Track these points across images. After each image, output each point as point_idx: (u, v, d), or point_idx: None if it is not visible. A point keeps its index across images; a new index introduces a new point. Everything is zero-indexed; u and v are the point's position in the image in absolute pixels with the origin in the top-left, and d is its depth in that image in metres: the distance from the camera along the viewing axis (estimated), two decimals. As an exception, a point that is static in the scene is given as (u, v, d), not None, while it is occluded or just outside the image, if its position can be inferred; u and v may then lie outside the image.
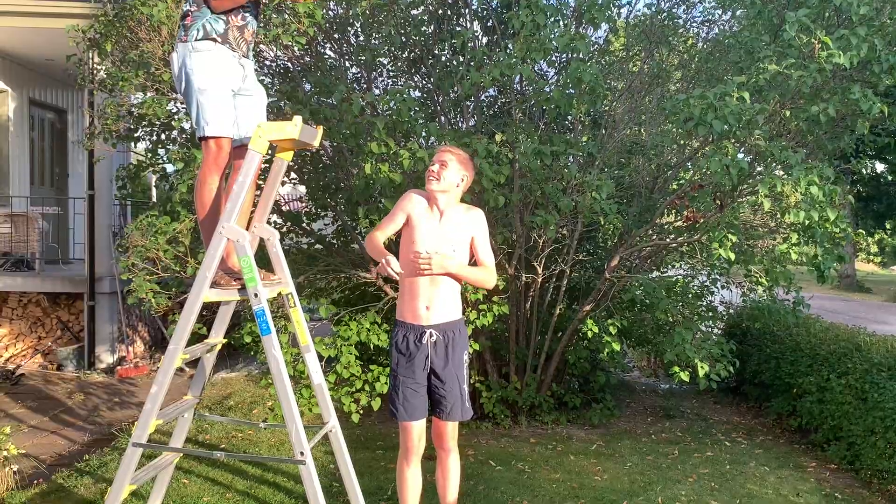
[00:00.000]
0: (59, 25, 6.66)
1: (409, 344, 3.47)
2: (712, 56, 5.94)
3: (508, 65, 4.74)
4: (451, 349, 3.47)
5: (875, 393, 5.09)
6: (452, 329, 3.49)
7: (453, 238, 3.44)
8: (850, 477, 5.25)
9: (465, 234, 3.47)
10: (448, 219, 3.46)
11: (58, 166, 11.14)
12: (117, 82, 5.57)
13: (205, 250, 3.38)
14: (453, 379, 3.48)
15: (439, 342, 3.45)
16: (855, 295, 19.19)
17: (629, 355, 9.51)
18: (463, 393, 3.52)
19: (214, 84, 3.33)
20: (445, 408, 3.51)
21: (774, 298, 6.32)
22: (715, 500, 4.61)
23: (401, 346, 3.50)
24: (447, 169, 3.41)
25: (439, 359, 3.46)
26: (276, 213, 6.83)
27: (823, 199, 4.26)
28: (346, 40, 6.71)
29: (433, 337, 3.43)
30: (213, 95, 3.32)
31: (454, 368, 3.48)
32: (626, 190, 6.70)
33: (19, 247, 8.88)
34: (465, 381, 3.55)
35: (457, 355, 3.49)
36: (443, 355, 3.46)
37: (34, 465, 5.12)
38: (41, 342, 8.87)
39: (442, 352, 3.46)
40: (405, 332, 3.49)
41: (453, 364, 3.48)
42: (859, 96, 4.37)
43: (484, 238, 3.53)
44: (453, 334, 3.49)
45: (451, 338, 3.48)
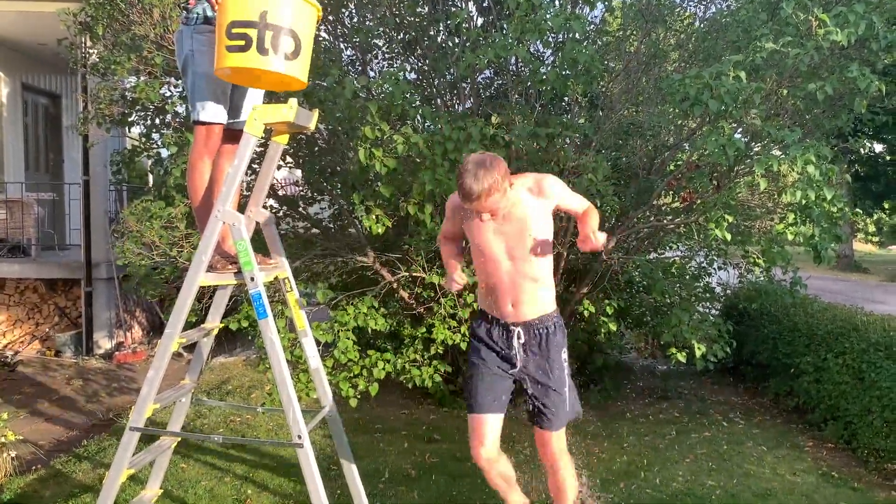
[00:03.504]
0: (50, 9, 6.60)
1: (493, 335, 3.10)
2: (709, 35, 5.89)
3: (504, 46, 4.70)
4: (545, 348, 3.05)
5: (872, 372, 5.10)
6: (546, 325, 3.05)
7: (529, 227, 2.95)
8: (847, 456, 5.27)
9: (541, 212, 2.97)
10: (517, 210, 2.95)
11: (53, 152, 11.09)
12: (110, 66, 5.52)
13: (199, 234, 3.36)
14: (555, 384, 3.05)
15: (531, 342, 3.06)
16: (852, 275, 19.20)
17: (627, 337, 9.52)
18: (565, 397, 3.08)
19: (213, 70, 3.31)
20: (547, 416, 3.07)
21: (771, 279, 6.32)
22: (712, 480, 4.63)
23: (482, 335, 3.13)
24: (489, 201, 2.83)
25: (533, 361, 3.06)
26: (273, 198, 6.80)
27: (820, 179, 4.23)
28: (341, 22, 6.65)
29: (521, 338, 3.04)
30: (211, 81, 3.30)
31: (552, 370, 3.05)
32: (624, 171, 6.67)
33: (15, 233, 8.85)
34: (567, 384, 3.10)
35: (553, 356, 3.06)
36: (536, 356, 3.06)
37: (32, 450, 5.13)
38: (39, 328, 8.86)
39: (536, 352, 3.06)
40: (489, 326, 3.12)
41: (550, 366, 3.05)
42: (857, 74, 4.33)
43: (564, 196, 3.01)
44: (546, 331, 3.05)
45: (545, 335, 3.05)
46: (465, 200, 2.83)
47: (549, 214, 2.99)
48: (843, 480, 4.74)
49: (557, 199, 2.99)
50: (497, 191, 2.80)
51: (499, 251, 2.99)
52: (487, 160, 2.82)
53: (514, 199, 2.93)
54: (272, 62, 2.98)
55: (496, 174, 2.79)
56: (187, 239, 5.27)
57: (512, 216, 2.94)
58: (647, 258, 6.38)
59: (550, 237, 3.01)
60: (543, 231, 2.97)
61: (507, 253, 2.98)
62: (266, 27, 2.93)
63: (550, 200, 2.97)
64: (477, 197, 2.78)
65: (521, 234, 2.94)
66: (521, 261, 2.98)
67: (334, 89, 5.00)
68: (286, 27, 2.97)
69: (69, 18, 5.87)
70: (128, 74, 5.66)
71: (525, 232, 2.94)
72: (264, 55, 2.96)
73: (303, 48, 3.05)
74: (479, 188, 2.77)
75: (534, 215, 2.95)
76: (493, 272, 3.02)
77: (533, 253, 2.96)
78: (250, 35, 2.93)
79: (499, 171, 2.80)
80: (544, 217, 2.98)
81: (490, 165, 2.80)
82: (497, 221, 2.95)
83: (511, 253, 2.98)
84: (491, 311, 3.11)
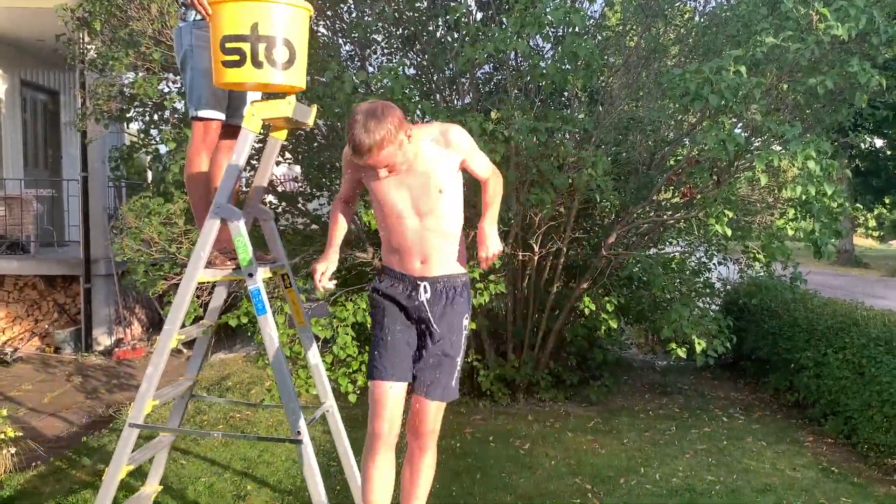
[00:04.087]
0: (48, 4, 6.56)
1: (399, 290, 2.82)
2: (709, 30, 5.87)
3: (503, 39, 4.69)
4: (449, 308, 2.79)
5: (872, 367, 5.10)
6: (454, 285, 2.81)
7: (435, 180, 2.69)
8: (847, 451, 5.27)
9: (448, 163, 2.71)
10: (419, 164, 2.68)
11: (51, 148, 11.07)
12: (107, 62, 5.51)
13: (198, 231, 3.36)
14: (448, 346, 2.79)
15: (435, 298, 2.78)
16: (853, 270, 19.20)
17: (627, 332, 9.52)
18: (455, 367, 2.82)
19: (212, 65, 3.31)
20: (429, 381, 2.77)
21: (772, 274, 6.31)
22: (712, 476, 4.63)
23: (384, 289, 2.84)
24: (383, 155, 2.53)
25: (433, 319, 2.78)
26: (272, 194, 6.79)
27: (821, 174, 4.23)
28: (339, 17, 6.63)
29: (427, 293, 2.77)
30: (210, 77, 3.29)
31: (450, 333, 2.80)
32: (624, 166, 6.66)
33: (14, 230, 8.85)
34: (461, 354, 2.84)
35: (456, 317, 2.81)
36: (439, 315, 2.78)
37: (32, 447, 5.12)
38: (38, 325, 8.86)
39: (439, 311, 2.78)
40: (393, 281, 2.84)
41: (449, 327, 2.79)
42: (857, 69, 4.33)
43: (472, 152, 2.76)
44: (454, 291, 2.81)
45: (451, 296, 2.80)
46: (356, 155, 2.53)
47: (457, 166, 2.74)
48: (843, 475, 4.74)
49: (464, 153, 2.72)
50: (391, 143, 2.51)
51: (403, 207, 2.71)
52: (379, 108, 2.51)
53: (416, 150, 2.65)
54: (268, 75, 2.98)
55: (389, 124, 2.49)
56: (186, 235, 5.26)
57: (414, 169, 2.67)
58: (648, 254, 6.37)
59: (460, 190, 2.79)
60: (451, 183, 2.73)
61: (413, 208, 2.71)
62: (258, 39, 2.93)
63: (457, 153, 2.71)
64: (368, 150, 2.49)
65: (426, 188, 2.68)
66: (428, 216, 2.72)
67: (333, 84, 4.98)
68: (279, 37, 2.95)
69: (67, 14, 5.85)
70: (126, 70, 5.65)
71: (430, 185, 2.67)
72: (259, 68, 2.96)
73: (297, 54, 3.04)
74: (369, 141, 2.48)
75: (439, 167, 2.69)
76: (397, 229, 2.75)
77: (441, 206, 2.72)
78: (244, 49, 2.94)
79: (392, 122, 2.50)
80: (452, 169, 2.72)
81: (382, 115, 2.49)
82: (398, 175, 2.66)
83: (417, 208, 2.71)
84: (396, 266, 2.83)
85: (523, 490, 4.32)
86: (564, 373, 6.63)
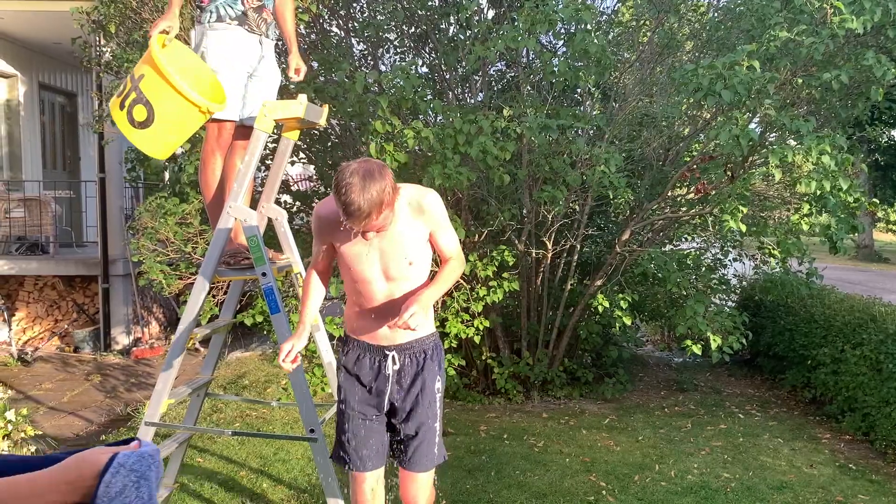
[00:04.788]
0: (64, 8, 6.65)
1: (365, 367, 2.65)
2: (722, 24, 5.83)
3: (513, 37, 4.68)
4: (420, 377, 2.63)
5: (890, 363, 5.05)
6: (423, 349, 2.65)
7: (406, 250, 2.52)
8: (865, 448, 5.22)
9: (419, 232, 2.54)
10: (394, 226, 2.48)
11: (70, 149, 11.19)
12: (122, 64, 5.56)
13: (212, 230, 3.39)
14: (423, 417, 2.64)
15: (406, 369, 2.64)
16: (873, 265, 19.00)
17: (642, 329, 9.48)
18: (435, 433, 2.68)
19: (226, 66, 3.34)
20: (412, 455, 2.66)
21: (788, 270, 6.27)
22: (727, 473, 4.61)
23: (352, 369, 2.67)
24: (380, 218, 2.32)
25: (404, 391, 2.63)
26: (287, 193, 6.83)
27: (836, 169, 4.19)
28: (352, 16, 6.66)
29: (395, 363, 2.62)
30: (223, 77, 3.32)
31: (423, 403, 2.64)
32: (638, 163, 6.64)
33: (34, 231, 8.95)
34: (439, 418, 2.70)
35: (427, 385, 2.64)
36: (408, 385, 2.63)
37: (53, 445, 5.19)
38: (58, 325, 8.96)
39: (408, 381, 2.63)
40: (359, 353, 2.67)
41: (423, 396, 2.64)
42: (873, 62, 4.29)
43: (442, 226, 2.58)
44: (424, 357, 2.65)
45: (422, 361, 2.64)
46: (351, 220, 2.28)
47: (426, 237, 2.56)
48: (861, 472, 4.70)
49: (435, 225, 2.55)
50: (389, 205, 2.31)
51: (373, 272, 2.53)
52: (375, 169, 2.29)
53: (404, 200, 2.50)
54: (123, 123, 3.04)
55: (387, 185, 2.28)
56: (201, 235, 5.30)
57: (389, 231, 2.47)
58: (662, 250, 6.35)
59: (429, 255, 2.62)
60: (421, 253, 2.57)
61: (383, 273, 2.53)
62: (135, 88, 3.00)
63: (428, 225, 2.54)
64: (367, 215, 2.26)
65: (396, 255, 2.51)
66: (398, 281, 2.55)
67: (345, 84, 5.01)
68: (144, 97, 3.01)
69: (82, 17, 5.92)
70: (141, 72, 5.70)
71: (400, 253, 2.50)
72: (121, 110, 3.03)
73: (156, 124, 3.04)
74: (369, 205, 2.24)
75: (411, 236, 2.52)
76: (366, 294, 2.58)
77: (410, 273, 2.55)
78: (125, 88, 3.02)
79: (388, 181, 2.30)
80: (422, 238, 2.56)
81: (379, 174, 2.28)
82: (383, 237, 2.48)
83: (386, 273, 2.53)
84: (361, 335, 2.66)
85: (537, 488, 4.32)
86: (579, 370, 6.62)
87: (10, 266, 8.48)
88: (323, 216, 2.56)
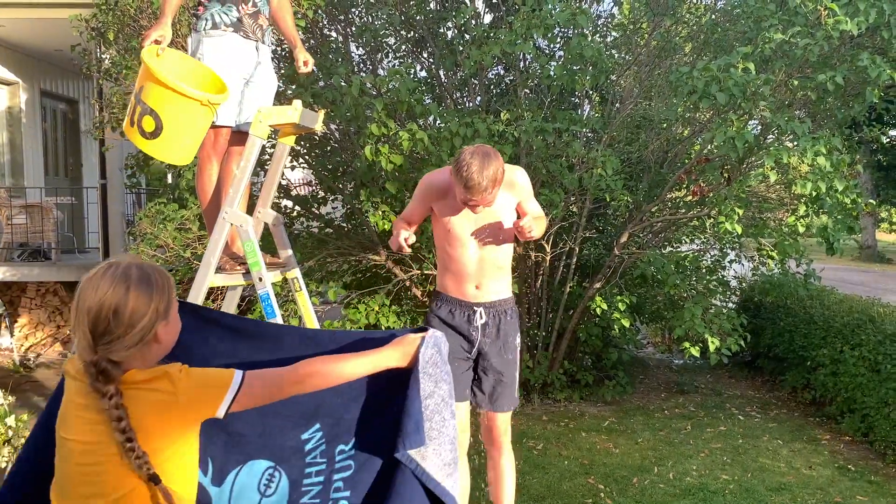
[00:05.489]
0: (63, 15, 6.69)
1: (456, 317, 3.07)
2: (719, 26, 5.84)
3: (509, 42, 4.70)
4: (502, 331, 3.07)
5: (888, 364, 5.05)
6: (504, 309, 3.09)
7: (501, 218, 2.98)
8: (865, 449, 5.22)
9: (511, 203, 3.00)
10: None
11: (71, 156, 11.24)
12: (122, 71, 5.60)
13: (209, 236, 3.40)
14: (504, 364, 3.08)
15: (490, 324, 3.06)
16: (875, 266, 18.95)
17: (643, 331, 9.48)
18: (514, 380, 3.12)
19: (222, 73, 3.35)
20: (495, 397, 3.09)
21: (786, 271, 6.27)
22: (726, 475, 4.61)
23: (446, 317, 3.08)
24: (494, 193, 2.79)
25: (490, 342, 3.06)
26: (287, 198, 6.85)
27: (832, 170, 4.20)
28: (350, 21, 6.68)
29: (482, 318, 3.04)
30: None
31: (505, 352, 3.08)
32: (636, 165, 6.65)
33: (36, 237, 8.98)
34: (517, 366, 3.14)
35: (510, 338, 3.09)
36: (493, 337, 3.06)
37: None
38: (60, 331, 9.00)
39: (493, 333, 3.06)
40: (451, 307, 3.08)
41: (504, 347, 3.08)
42: (868, 63, 4.29)
43: (528, 197, 3.05)
44: (505, 314, 3.09)
45: (503, 318, 3.09)
46: (470, 192, 2.72)
47: (514, 206, 3.01)
48: (860, 473, 4.70)
49: (523, 195, 3.00)
50: (500, 182, 2.77)
51: (468, 238, 2.98)
52: (490, 151, 2.76)
53: None
54: (133, 136, 3.08)
55: (500, 165, 2.75)
56: (200, 241, 5.33)
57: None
58: (661, 252, 6.36)
59: (512, 231, 3.01)
60: (509, 224, 2.99)
61: (479, 240, 2.98)
62: (139, 101, 3.03)
63: (517, 196, 2.99)
64: (485, 189, 2.71)
65: (494, 224, 2.95)
66: (490, 248, 3.00)
67: (342, 88, 5.03)
68: (148, 107, 3.03)
69: (81, 25, 5.95)
70: (140, 79, 5.73)
71: (498, 221, 2.95)
72: (132, 126, 3.07)
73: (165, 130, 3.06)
74: (486, 181, 2.70)
75: (506, 206, 2.96)
76: (461, 257, 3.02)
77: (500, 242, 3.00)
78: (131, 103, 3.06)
79: (501, 163, 2.76)
80: (512, 208, 3.00)
81: (494, 156, 2.74)
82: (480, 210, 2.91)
83: (483, 240, 2.98)
84: (453, 292, 3.09)
85: (535, 490, 4.33)
86: (579, 372, 6.62)
87: (12, 272, 8.51)
88: (434, 184, 3.02)
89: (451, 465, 1.92)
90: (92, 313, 1.53)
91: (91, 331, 1.53)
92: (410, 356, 1.89)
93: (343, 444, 2.00)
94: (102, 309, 1.52)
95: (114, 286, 1.54)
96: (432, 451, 1.88)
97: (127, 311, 1.53)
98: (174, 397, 1.55)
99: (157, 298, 1.58)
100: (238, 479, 2.02)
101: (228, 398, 1.61)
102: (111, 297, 1.53)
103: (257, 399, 1.67)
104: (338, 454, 2.00)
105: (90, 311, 1.53)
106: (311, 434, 2.02)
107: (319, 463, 2.00)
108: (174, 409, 1.56)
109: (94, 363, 1.53)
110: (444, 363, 1.93)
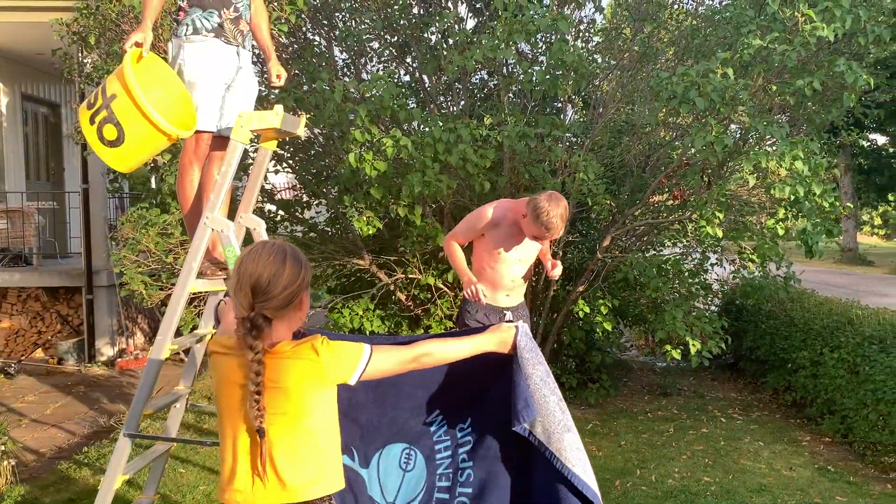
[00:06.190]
0: (44, 19, 6.64)
1: (491, 320, 3.67)
2: (699, 32, 5.90)
3: (492, 47, 4.72)
4: None
5: (866, 366, 5.11)
6: (524, 312, 3.92)
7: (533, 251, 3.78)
8: (844, 450, 5.28)
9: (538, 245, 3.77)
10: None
11: (53, 160, 11.15)
12: (103, 75, 5.56)
13: (190, 241, 3.40)
14: None
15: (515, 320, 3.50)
16: (857, 268, 19.15)
17: (626, 334, 9.53)
18: None
19: (204, 78, 3.36)
20: None
21: (767, 274, 6.33)
22: (708, 477, 4.65)
23: (482, 320, 3.71)
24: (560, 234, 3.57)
25: None
26: (271, 202, 6.84)
27: (809, 174, 4.25)
28: (334, 26, 6.68)
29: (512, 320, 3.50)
30: (201, 89, 3.34)
31: None
32: (618, 169, 6.69)
33: (16, 242, 8.90)
34: None
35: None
36: None
37: (34, 458, 5.17)
38: (41, 336, 8.91)
39: None
40: (486, 312, 3.76)
41: None
42: (844, 69, 4.35)
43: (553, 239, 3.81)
44: (524, 315, 3.91)
45: (522, 317, 3.86)
46: (548, 231, 3.44)
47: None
48: (840, 474, 4.75)
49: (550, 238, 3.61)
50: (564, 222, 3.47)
51: (516, 260, 3.73)
52: (560, 197, 3.45)
53: None
54: (92, 139, 3.07)
55: (566, 207, 3.46)
56: (182, 245, 5.31)
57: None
58: (643, 256, 6.40)
59: None
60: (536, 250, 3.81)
61: (519, 262, 3.74)
62: (107, 107, 3.02)
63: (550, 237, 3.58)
64: (558, 229, 3.45)
65: (531, 251, 3.76)
66: (523, 268, 3.80)
67: (325, 93, 5.03)
68: (115, 117, 3.03)
69: (62, 28, 5.91)
70: (121, 83, 5.70)
71: (535, 246, 3.74)
72: (91, 125, 3.06)
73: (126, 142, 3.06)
74: (561, 224, 3.43)
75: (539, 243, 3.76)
76: (502, 271, 3.74)
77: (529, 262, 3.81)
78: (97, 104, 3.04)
79: (566, 204, 3.48)
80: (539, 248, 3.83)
81: (562, 199, 3.44)
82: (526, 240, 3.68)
83: (521, 262, 3.76)
84: (487, 299, 3.68)
85: (519, 493, 4.33)
86: (563, 375, 6.64)
87: (-8, 278, 8.44)
88: (500, 216, 3.67)
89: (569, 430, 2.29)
90: (254, 278, 1.84)
91: (252, 291, 1.84)
92: (509, 344, 2.28)
93: (461, 423, 2.52)
94: (264, 274, 1.84)
95: (273, 258, 1.87)
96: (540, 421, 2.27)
97: (284, 277, 1.86)
98: (318, 362, 1.87)
99: (305, 271, 1.91)
100: (381, 460, 2.51)
101: (360, 368, 1.93)
102: (271, 266, 1.85)
103: (382, 372, 2.00)
104: (458, 431, 2.52)
105: (252, 275, 1.85)
106: (433, 418, 2.53)
107: (444, 440, 2.53)
108: (317, 371, 1.87)
109: (250, 319, 1.83)
110: (537, 348, 2.33)
